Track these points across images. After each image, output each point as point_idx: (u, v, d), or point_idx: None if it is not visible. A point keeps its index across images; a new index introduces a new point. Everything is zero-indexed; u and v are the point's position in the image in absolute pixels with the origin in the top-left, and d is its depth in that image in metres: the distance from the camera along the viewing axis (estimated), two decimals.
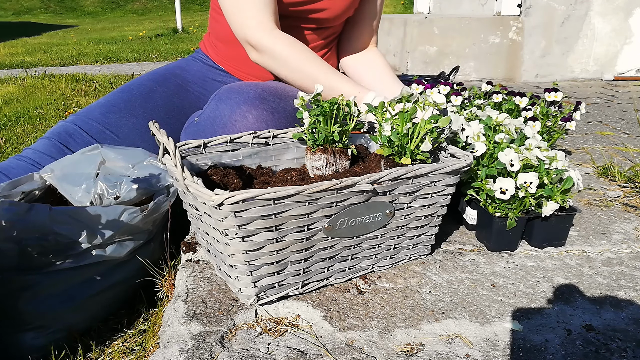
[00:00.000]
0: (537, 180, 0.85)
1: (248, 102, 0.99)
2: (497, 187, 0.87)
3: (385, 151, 0.83)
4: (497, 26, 2.87)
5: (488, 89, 1.31)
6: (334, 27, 1.25)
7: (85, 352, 0.85)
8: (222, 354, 0.65)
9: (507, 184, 0.86)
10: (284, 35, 1.09)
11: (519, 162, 0.87)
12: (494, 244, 0.92)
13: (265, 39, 1.07)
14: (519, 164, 0.87)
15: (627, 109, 2.18)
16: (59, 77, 3.60)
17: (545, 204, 0.88)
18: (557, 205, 0.88)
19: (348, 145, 0.89)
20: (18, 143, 2.03)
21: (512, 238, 0.91)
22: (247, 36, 1.09)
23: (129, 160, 0.96)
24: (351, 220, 0.74)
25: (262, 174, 0.92)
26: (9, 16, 12.73)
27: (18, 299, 0.79)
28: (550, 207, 0.88)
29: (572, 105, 1.30)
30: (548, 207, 0.88)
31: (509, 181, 0.86)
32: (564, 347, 0.68)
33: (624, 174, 1.30)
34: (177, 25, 7.74)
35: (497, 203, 0.90)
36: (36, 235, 0.77)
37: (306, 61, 1.09)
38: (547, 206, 0.88)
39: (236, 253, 0.69)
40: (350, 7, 1.22)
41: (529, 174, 0.86)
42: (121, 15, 12.82)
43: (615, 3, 2.80)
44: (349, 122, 0.89)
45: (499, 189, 0.87)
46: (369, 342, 0.68)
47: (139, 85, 1.19)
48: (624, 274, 0.86)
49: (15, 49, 5.90)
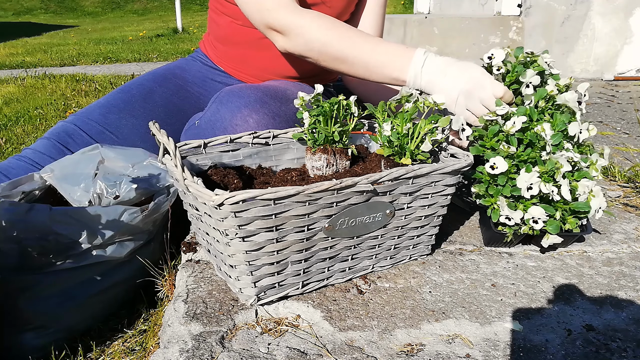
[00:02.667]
0: (545, 217, 0.80)
1: (249, 106, 0.99)
2: (504, 214, 0.83)
3: (386, 151, 0.83)
4: (497, 26, 2.87)
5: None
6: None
7: (86, 352, 0.85)
8: (223, 354, 0.65)
9: (513, 215, 0.82)
10: (308, 10, 1.00)
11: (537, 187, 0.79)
12: (487, 243, 0.94)
13: (289, 16, 0.98)
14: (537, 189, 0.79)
15: (627, 109, 2.18)
16: (59, 77, 3.60)
17: (547, 236, 0.84)
18: (560, 240, 0.84)
19: (348, 145, 0.89)
20: (18, 143, 2.03)
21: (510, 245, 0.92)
22: (268, 20, 0.99)
23: (129, 160, 0.95)
24: (351, 220, 0.74)
25: (262, 174, 0.92)
26: (9, 16, 12.73)
27: (18, 299, 0.79)
28: (551, 241, 0.84)
29: None
30: (549, 240, 0.84)
31: (517, 213, 0.82)
32: (564, 347, 0.68)
33: (624, 174, 1.30)
34: (177, 26, 7.74)
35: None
36: (36, 236, 0.77)
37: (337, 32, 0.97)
38: (548, 239, 0.84)
39: (236, 253, 0.69)
40: (350, 3, 1.21)
41: (538, 210, 0.80)
42: (121, 16, 12.82)
43: (615, 3, 2.80)
44: (349, 122, 0.89)
45: (505, 216, 0.83)
46: (369, 342, 0.68)
47: (138, 85, 1.19)
48: (624, 274, 0.86)
49: (16, 49, 5.90)
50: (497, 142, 0.87)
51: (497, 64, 0.93)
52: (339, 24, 0.99)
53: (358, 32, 1.00)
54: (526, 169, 0.82)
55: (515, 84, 0.93)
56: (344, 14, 1.22)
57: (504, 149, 0.84)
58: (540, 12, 2.81)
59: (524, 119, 0.86)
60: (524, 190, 0.81)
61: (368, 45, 0.97)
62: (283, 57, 1.20)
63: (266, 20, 1.00)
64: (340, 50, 0.98)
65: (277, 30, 1.00)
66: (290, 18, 0.98)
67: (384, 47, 0.97)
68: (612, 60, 2.90)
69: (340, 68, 1.01)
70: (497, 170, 0.83)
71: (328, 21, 0.99)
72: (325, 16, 0.99)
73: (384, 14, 1.30)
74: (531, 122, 0.88)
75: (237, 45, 1.22)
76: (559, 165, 0.80)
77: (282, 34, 1.00)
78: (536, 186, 0.80)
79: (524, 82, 0.91)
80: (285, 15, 0.98)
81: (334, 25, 0.98)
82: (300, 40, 0.99)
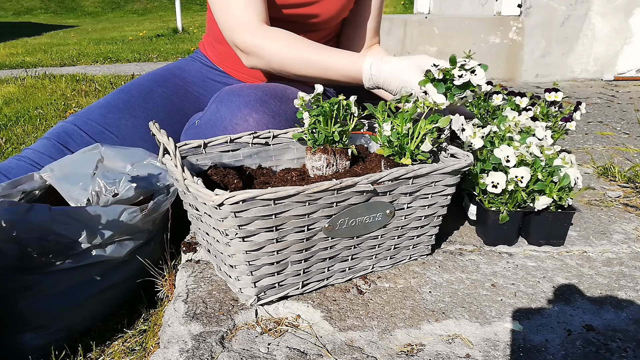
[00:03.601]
0: (529, 175, 0.87)
1: (249, 106, 0.99)
2: (489, 181, 0.88)
3: (385, 151, 0.83)
4: (497, 26, 2.87)
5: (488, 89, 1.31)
6: (328, 28, 1.25)
7: (86, 352, 0.85)
8: (222, 354, 0.65)
9: (498, 178, 0.88)
10: (269, 29, 1.04)
11: (515, 159, 0.88)
12: (489, 238, 0.94)
13: (250, 38, 1.03)
14: (515, 160, 0.88)
15: (627, 109, 2.18)
16: (59, 77, 3.60)
17: (538, 198, 0.89)
18: (550, 199, 0.88)
19: (348, 146, 0.89)
20: (18, 143, 2.03)
21: (507, 232, 0.92)
22: (233, 39, 1.06)
23: (129, 159, 0.95)
24: (351, 221, 0.74)
25: (262, 174, 0.92)
26: (9, 16, 12.73)
27: (18, 299, 0.79)
28: (543, 202, 0.88)
29: (572, 105, 1.30)
30: (540, 201, 0.88)
31: (500, 175, 0.88)
32: (564, 347, 0.68)
33: (624, 174, 1.30)
34: (177, 26, 7.74)
35: (491, 197, 0.91)
36: (36, 235, 0.77)
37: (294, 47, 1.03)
38: (539, 200, 0.88)
39: (236, 253, 0.69)
40: (343, 9, 1.21)
41: (521, 169, 0.88)
42: (121, 16, 12.83)
43: (615, 3, 2.80)
44: (349, 122, 0.89)
45: (491, 183, 0.88)
46: (369, 342, 0.68)
47: (138, 85, 1.19)
48: (624, 274, 0.86)
49: (16, 49, 5.90)
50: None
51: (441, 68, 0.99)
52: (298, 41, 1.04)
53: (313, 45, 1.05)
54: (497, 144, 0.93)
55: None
56: (343, 13, 1.22)
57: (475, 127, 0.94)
58: (540, 12, 2.80)
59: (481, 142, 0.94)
60: (503, 161, 0.89)
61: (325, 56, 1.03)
62: None
63: (231, 39, 1.07)
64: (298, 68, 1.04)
65: (241, 50, 1.07)
66: (251, 40, 1.03)
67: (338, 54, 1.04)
68: (612, 60, 2.90)
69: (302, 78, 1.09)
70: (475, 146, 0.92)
71: (288, 40, 1.04)
72: (285, 36, 1.04)
73: (380, 14, 1.30)
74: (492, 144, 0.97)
75: None
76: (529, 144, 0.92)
77: (245, 53, 1.07)
78: (512, 157, 0.89)
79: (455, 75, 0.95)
80: (247, 37, 1.04)
81: (292, 43, 1.04)
82: (260, 62, 1.06)
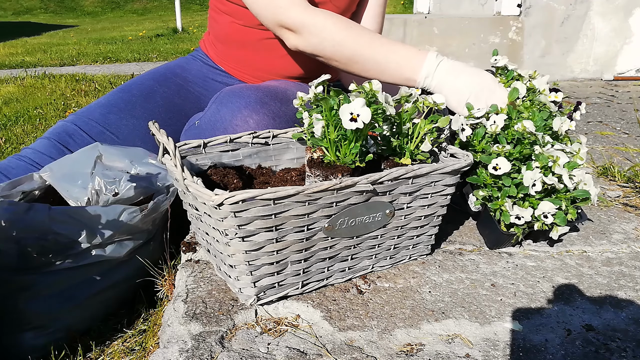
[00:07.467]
0: (555, 210, 0.82)
1: (249, 107, 0.99)
2: (514, 214, 0.84)
3: (386, 151, 0.83)
4: (497, 26, 2.87)
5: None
6: None
7: (85, 352, 0.85)
8: (222, 354, 0.65)
9: (524, 213, 0.83)
10: (320, 9, 1.00)
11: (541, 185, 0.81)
12: (492, 244, 0.93)
13: (302, 15, 0.97)
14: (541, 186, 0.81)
15: (627, 109, 2.18)
16: (58, 77, 3.60)
17: (556, 229, 0.86)
18: (567, 229, 0.86)
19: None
20: (18, 143, 2.03)
21: (513, 242, 0.92)
22: (280, 18, 0.99)
23: (128, 159, 0.95)
24: (351, 220, 0.74)
25: (262, 174, 0.92)
26: (9, 16, 12.73)
27: (18, 299, 0.79)
28: (561, 232, 0.86)
29: (572, 105, 1.29)
30: (558, 232, 0.86)
31: (527, 211, 0.83)
32: (563, 347, 0.68)
33: (624, 174, 1.30)
34: (177, 25, 7.74)
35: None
36: (36, 235, 0.77)
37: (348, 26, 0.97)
38: (557, 232, 0.86)
39: (236, 253, 0.69)
40: (351, 3, 1.21)
41: (548, 205, 0.81)
42: (121, 15, 12.82)
43: (615, 3, 2.80)
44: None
45: (515, 216, 0.84)
46: (369, 342, 0.68)
47: (139, 85, 1.19)
48: (624, 274, 0.86)
49: (15, 49, 5.90)
50: (486, 144, 0.88)
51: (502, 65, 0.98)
52: (352, 23, 0.99)
53: (371, 33, 1.00)
54: (527, 167, 0.83)
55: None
56: (347, 12, 1.22)
57: (499, 149, 0.85)
58: (540, 12, 2.81)
59: (504, 116, 0.88)
60: (530, 188, 0.81)
61: (382, 46, 0.98)
62: (283, 57, 1.20)
63: (278, 18, 0.99)
64: (353, 50, 0.98)
65: (290, 29, 1.00)
66: (303, 16, 0.97)
67: (397, 47, 0.98)
68: (611, 60, 2.90)
69: (351, 68, 1.01)
70: (500, 171, 0.83)
71: (341, 20, 0.99)
72: (337, 15, 0.99)
73: (383, 13, 1.30)
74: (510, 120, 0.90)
75: (237, 45, 1.21)
76: (556, 158, 0.82)
77: (294, 32, 0.99)
78: (539, 182, 0.81)
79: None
80: (298, 13, 0.97)
81: (347, 25, 0.98)
82: (313, 39, 0.98)
